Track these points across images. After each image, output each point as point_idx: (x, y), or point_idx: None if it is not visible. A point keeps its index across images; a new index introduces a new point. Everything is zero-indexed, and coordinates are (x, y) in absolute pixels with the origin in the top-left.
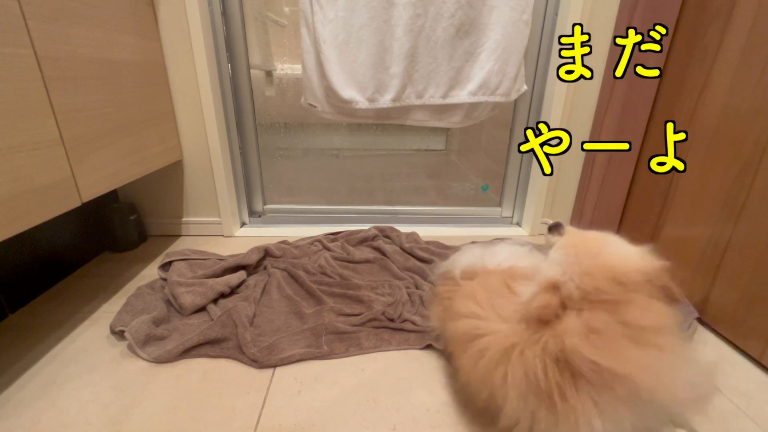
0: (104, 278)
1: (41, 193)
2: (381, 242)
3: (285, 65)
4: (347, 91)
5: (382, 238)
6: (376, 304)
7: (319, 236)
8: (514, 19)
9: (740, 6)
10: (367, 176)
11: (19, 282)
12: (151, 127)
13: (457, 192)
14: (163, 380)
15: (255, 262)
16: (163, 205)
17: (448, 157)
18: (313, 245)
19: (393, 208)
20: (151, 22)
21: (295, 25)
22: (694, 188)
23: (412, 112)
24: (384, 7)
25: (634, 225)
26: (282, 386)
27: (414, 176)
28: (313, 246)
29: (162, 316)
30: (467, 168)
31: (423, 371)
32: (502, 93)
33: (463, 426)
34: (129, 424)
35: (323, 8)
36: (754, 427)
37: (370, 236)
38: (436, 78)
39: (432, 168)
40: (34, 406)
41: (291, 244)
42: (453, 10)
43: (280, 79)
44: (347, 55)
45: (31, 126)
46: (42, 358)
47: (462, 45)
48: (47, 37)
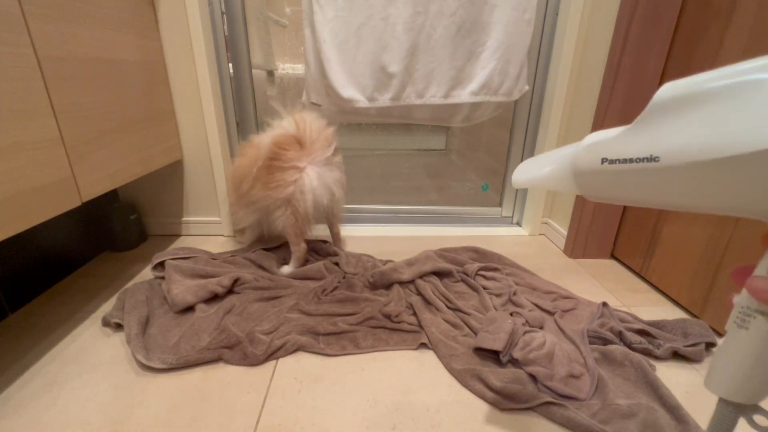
0: (104, 278)
1: (41, 193)
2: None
3: (286, 65)
4: (347, 90)
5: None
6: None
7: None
8: (516, 18)
9: (741, 5)
10: (367, 176)
11: (20, 281)
12: (151, 126)
13: (457, 191)
14: (163, 380)
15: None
16: (163, 204)
17: (448, 156)
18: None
19: (393, 207)
20: (152, 21)
21: (296, 25)
22: None
23: (413, 111)
24: (383, 5)
25: (635, 225)
26: (282, 386)
27: (414, 176)
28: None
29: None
30: (467, 167)
31: (423, 371)
32: (504, 93)
33: (463, 426)
34: (129, 424)
35: (323, 8)
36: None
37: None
38: (437, 77)
39: (432, 167)
40: (34, 405)
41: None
42: (454, 8)
43: (281, 78)
44: (347, 55)
45: (31, 125)
46: (42, 357)
47: (464, 44)
48: (47, 37)
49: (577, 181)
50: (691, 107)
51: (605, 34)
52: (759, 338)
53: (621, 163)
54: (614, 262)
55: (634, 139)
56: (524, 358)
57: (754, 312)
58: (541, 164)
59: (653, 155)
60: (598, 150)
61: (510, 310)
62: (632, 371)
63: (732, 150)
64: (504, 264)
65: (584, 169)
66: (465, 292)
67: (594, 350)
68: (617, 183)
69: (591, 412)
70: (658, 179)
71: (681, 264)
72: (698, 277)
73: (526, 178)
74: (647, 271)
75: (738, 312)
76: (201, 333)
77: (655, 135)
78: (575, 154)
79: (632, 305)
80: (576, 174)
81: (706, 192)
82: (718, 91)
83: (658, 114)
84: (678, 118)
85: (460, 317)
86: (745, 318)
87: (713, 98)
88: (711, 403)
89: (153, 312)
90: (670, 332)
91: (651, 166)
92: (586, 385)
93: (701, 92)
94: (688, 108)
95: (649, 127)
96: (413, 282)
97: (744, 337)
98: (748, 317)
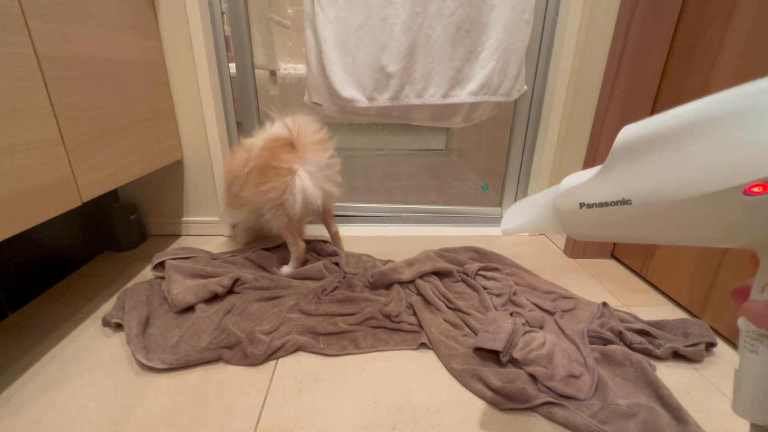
0: (104, 278)
1: (41, 193)
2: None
3: (288, 65)
4: (348, 90)
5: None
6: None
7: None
8: (515, 18)
9: (740, 6)
10: (367, 176)
11: (20, 281)
12: (151, 126)
13: (457, 191)
14: (163, 380)
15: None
16: (163, 204)
17: (448, 156)
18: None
19: (393, 207)
20: (152, 21)
21: (298, 26)
22: None
23: (413, 111)
24: (381, 6)
25: None
26: (282, 386)
27: (414, 176)
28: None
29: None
30: (467, 167)
31: (423, 371)
32: (503, 93)
33: (463, 426)
34: (129, 424)
35: (324, 9)
36: None
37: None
38: (436, 77)
39: (432, 167)
40: (34, 405)
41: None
42: (453, 8)
43: (283, 78)
44: (347, 55)
45: (31, 125)
46: (42, 357)
47: (463, 44)
48: (48, 37)
49: (560, 222)
50: (652, 149)
51: (605, 34)
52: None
53: (597, 207)
54: (614, 262)
55: (605, 183)
56: (524, 358)
57: (760, 336)
58: (526, 210)
59: (625, 198)
60: (574, 195)
61: (510, 310)
62: (632, 371)
63: (694, 191)
64: (504, 264)
65: (565, 213)
66: (465, 292)
67: (594, 350)
68: (597, 224)
69: (591, 412)
70: (635, 219)
71: (681, 264)
72: (698, 277)
73: (515, 226)
74: (647, 271)
75: (745, 336)
76: (201, 333)
77: (622, 179)
78: (555, 201)
79: (632, 305)
80: (558, 216)
81: (683, 228)
82: (675, 132)
83: (622, 158)
84: (641, 161)
85: (460, 317)
86: (753, 342)
87: (671, 140)
88: (711, 403)
89: (153, 312)
90: (670, 332)
91: (625, 209)
92: (586, 385)
93: (657, 134)
94: (649, 150)
95: (616, 170)
96: (413, 282)
97: (757, 361)
98: (756, 341)
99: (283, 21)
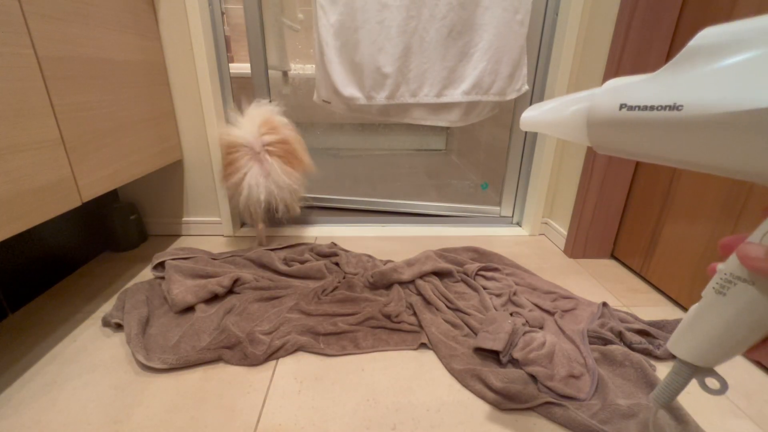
0: (104, 278)
1: (41, 193)
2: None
3: (298, 65)
4: (348, 89)
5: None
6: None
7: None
8: (507, 20)
9: (740, 6)
10: (367, 175)
11: (20, 281)
12: (151, 126)
13: (456, 190)
14: (163, 380)
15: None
16: (163, 204)
17: (448, 156)
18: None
19: (393, 207)
20: (151, 21)
21: (308, 29)
22: (694, 188)
23: (410, 110)
24: (378, 10)
25: (634, 225)
26: (282, 386)
27: (414, 176)
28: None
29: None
30: (467, 167)
31: (423, 371)
32: (496, 92)
33: (463, 426)
34: (129, 424)
35: (327, 13)
36: (754, 427)
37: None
38: (429, 77)
39: (432, 167)
40: (34, 405)
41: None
42: (445, 12)
43: (294, 78)
44: (346, 56)
45: (31, 126)
46: (42, 357)
47: (455, 45)
48: (47, 37)
49: (590, 130)
50: (732, 54)
51: (605, 34)
52: (734, 305)
53: (641, 110)
54: (614, 262)
55: (660, 84)
56: (524, 358)
57: (736, 279)
58: (553, 106)
59: (676, 103)
60: (618, 94)
61: (510, 310)
62: (632, 371)
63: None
64: (504, 264)
65: (599, 116)
66: (465, 292)
67: (594, 350)
68: (632, 133)
69: (591, 412)
70: (676, 129)
71: (681, 264)
72: (698, 277)
73: (535, 120)
74: (647, 271)
75: (719, 278)
76: (201, 333)
77: (683, 81)
78: (592, 98)
79: (632, 305)
80: (590, 122)
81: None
82: (764, 37)
83: (693, 59)
84: (710, 64)
85: (460, 317)
86: (725, 284)
87: (753, 45)
88: (711, 403)
89: (153, 312)
90: (670, 332)
91: (672, 115)
92: (586, 385)
93: (742, 37)
94: (728, 55)
95: (679, 72)
96: (413, 282)
97: (720, 302)
98: (729, 284)
99: (293, 25)
